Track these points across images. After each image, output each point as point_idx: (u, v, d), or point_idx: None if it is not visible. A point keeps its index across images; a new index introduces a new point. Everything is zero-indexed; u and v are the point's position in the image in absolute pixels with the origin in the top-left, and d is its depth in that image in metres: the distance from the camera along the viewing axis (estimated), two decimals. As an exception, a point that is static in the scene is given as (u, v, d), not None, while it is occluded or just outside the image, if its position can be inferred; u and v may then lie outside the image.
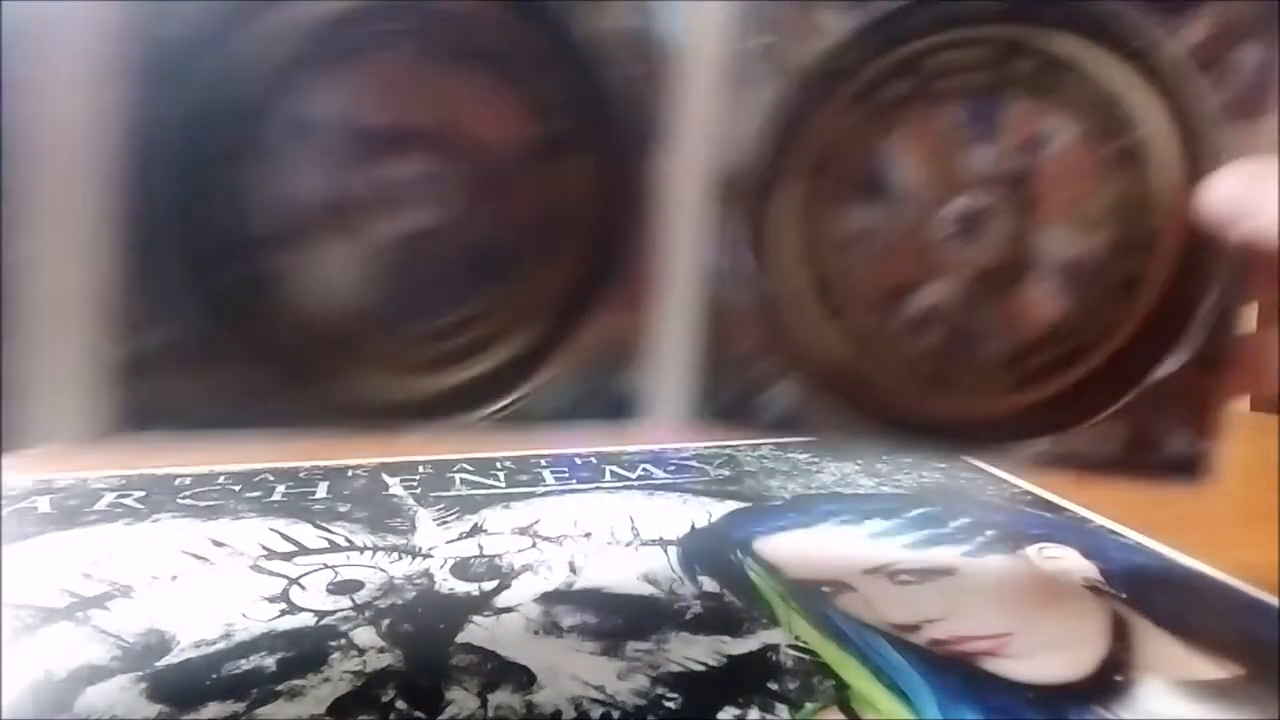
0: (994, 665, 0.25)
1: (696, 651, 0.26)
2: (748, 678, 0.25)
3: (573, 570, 0.32)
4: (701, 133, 0.29)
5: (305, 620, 0.27)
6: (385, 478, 0.42)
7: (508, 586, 0.29)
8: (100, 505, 0.38)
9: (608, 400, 0.29)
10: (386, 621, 0.27)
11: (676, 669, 0.25)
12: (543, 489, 0.41)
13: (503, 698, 0.24)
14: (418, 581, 0.31)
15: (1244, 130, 0.28)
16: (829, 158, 0.29)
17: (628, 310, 0.29)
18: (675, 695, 0.24)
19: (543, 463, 0.44)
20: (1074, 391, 0.29)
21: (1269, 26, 0.28)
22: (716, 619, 0.28)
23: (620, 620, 0.28)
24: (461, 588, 0.30)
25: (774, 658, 0.26)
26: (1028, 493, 0.31)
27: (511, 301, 0.28)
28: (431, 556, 0.33)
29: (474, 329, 0.28)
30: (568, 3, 0.28)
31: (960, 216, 0.29)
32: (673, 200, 0.30)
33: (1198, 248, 0.27)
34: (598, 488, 0.41)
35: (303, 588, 0.30)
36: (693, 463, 0.45)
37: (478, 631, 0.27)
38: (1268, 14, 0.28)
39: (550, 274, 0.28)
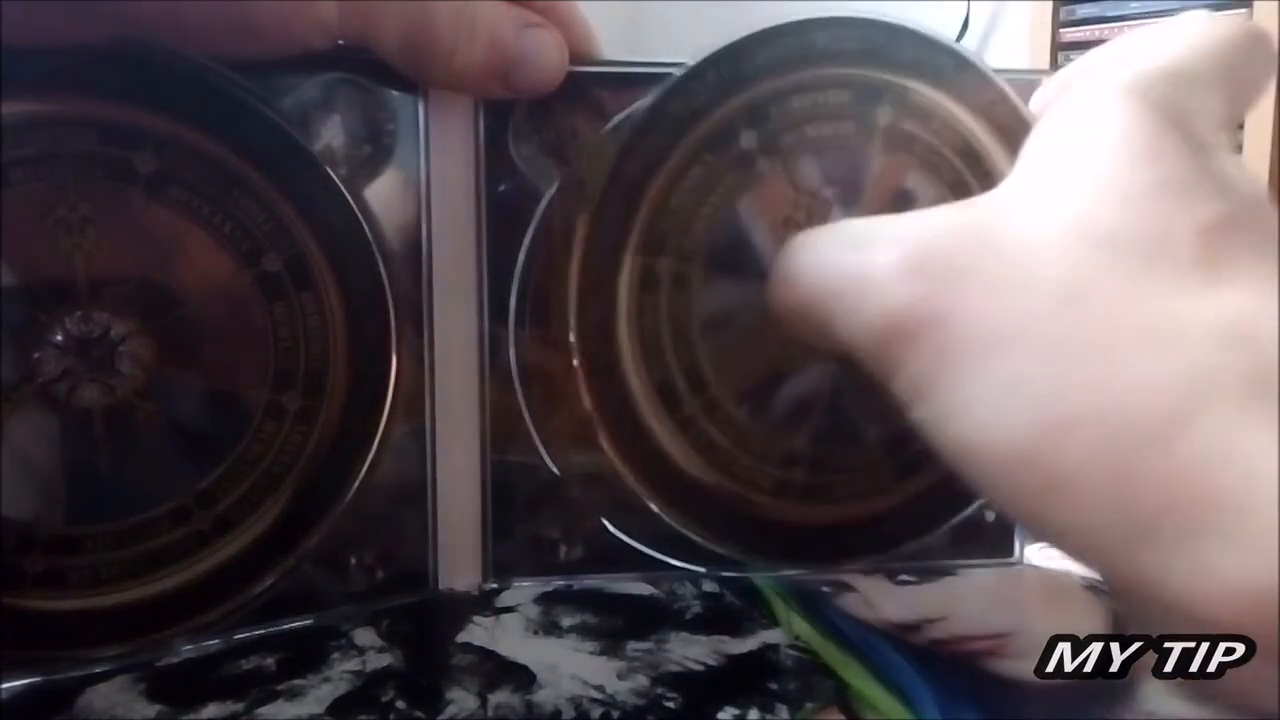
0: (994, 665, 0.25)
1: (696, 651, 0.26)
2: (748, 678, 0.25)
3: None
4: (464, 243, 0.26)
5: (305, 620, 0.27)
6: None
7: (508, 586, 0.29)
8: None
9: (395, 571, 0.27)
10: (386, 621, 0.27)
11: (676, 669, 0.25)
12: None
13: (503, 698, 0.24)
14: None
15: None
16: (673, 228, 0.25)
17: (399, 460, 0.26)
18: (675, 695, 0.24)
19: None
20: (945, 482, 0.25)
21: None
22: (716, 619, 0.28)
23: (620, 620, 0.28)
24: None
25: (774, 658, 0.26)
26: (1028, 493, 0.31)
27: (251, 469, 0.25)
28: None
29: (207, 510, 0.24)
30: (270, 117, 0.24)
31: None
32: (441, 324, 0.26)
33: None
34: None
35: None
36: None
37: (478, 631, 0.27)
38: None
39: (291, 433, 0.25)
